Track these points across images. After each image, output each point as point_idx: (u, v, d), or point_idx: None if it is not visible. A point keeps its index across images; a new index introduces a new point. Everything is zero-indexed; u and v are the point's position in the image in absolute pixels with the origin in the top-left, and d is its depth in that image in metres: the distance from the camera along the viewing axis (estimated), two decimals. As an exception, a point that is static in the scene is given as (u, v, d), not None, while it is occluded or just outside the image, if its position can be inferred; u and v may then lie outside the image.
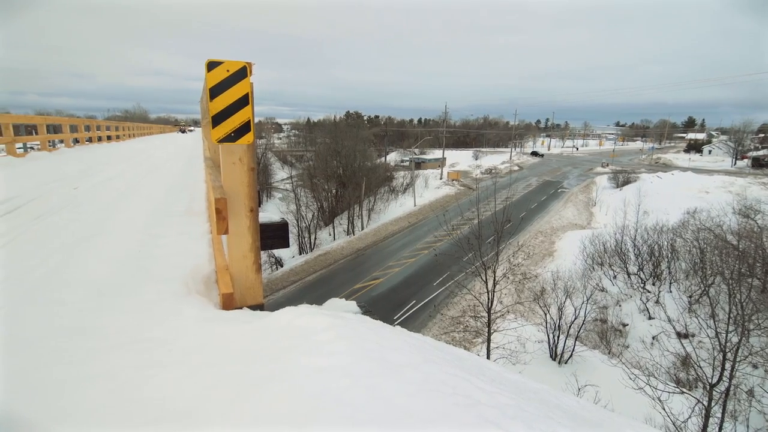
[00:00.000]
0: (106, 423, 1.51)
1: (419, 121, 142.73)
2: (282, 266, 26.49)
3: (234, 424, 1.44)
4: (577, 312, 15.13)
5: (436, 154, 66.87)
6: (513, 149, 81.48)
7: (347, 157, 36.80)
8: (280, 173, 53.93)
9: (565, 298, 15.69)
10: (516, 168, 63.78)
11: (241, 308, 2.80)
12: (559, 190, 46.29)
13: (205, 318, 2.44)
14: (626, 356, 14.09)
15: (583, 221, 34.17)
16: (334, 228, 34.36)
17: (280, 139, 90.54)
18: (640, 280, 18.92)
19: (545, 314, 15.31)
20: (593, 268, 21.19)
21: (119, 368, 1.89)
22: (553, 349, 14.99)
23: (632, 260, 20.06)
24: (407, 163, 57.02)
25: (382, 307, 18.91)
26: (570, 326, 14.99)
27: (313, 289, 22.10)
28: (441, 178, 51.44)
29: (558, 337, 14.93)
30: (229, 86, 2.62)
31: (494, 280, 14.22)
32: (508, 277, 17.32)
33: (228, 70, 2.60)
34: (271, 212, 3.91)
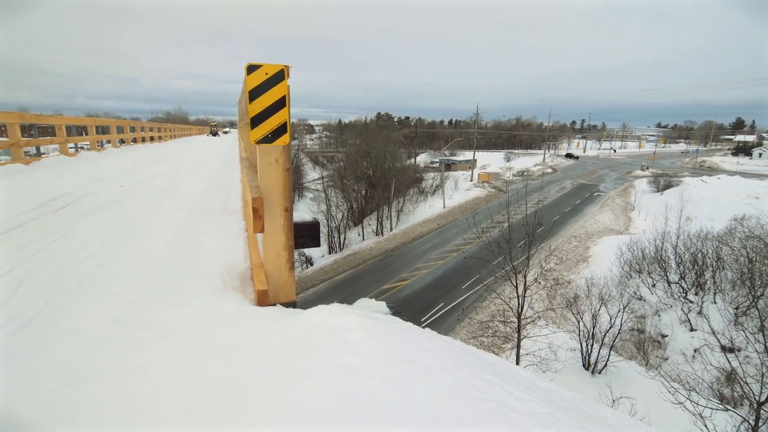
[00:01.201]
0: (149, 411, 1.58)
1: (450, 122, 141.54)
2: (312, 265, 26.90)
3: (269, 418, 1.48)
4: (612, 320, 14.55)
5: (467, 155, 66.09)
6: (546, 151, 79.46)
7: (377, 158, 36.97)
8: (312, 174, 54.76)
9: (600, 306, 15.13)
10: (549, 170, 62.13)
11: (274, 305, 2.87)
12: (595, 194, 44.70)
13: (241, 313, 2.52)
14: (665, 369, 13.45)
15: (620, 226, 32.89)
16: (363, 228, 34.58)
17: (312, 140, 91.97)
18: (681, 290, 18.00)
19: (578, 322, 14.82)
20: (630, 276, 20.33)
21: (161, 359, 1.97)
22: (586, 358, 14.48)
23: (673, 268, 19.10)
24: (437, 165, 56.64)
25: (409, 308, 18.86)
26: (605, 335, 14.45)
27: (342, 288, 22.31)
28: (471, 180, 50.80)
29: (591, 345, 14.42)
30: (267, 89, 2.68)
31: (525, 284, 13.89)
32: (540, 283, 16.86)
33: (266, 73, 2.66)
34: (303, 212, 3.98)
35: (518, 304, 13.74)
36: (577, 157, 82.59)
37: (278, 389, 1.65)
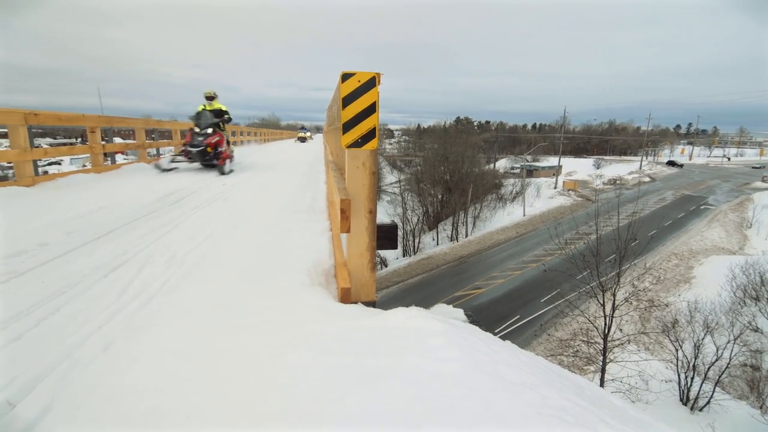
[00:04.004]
0: (241, 391, 1.72)
1: (533, 126, 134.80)
2: (386, 266, 27.32)
3: (355, 415, 1.53)
4: (719, 352, 12.81)
5: (551, 161, 62.60)
6: (644, 158, 72.27)
7: (455, 163, 36.50)
8: (389, 177, 55.67)
9: (705, 335, 13.39)
10: (647, 179, 56.38)
11: (356, 303, 2.97)
12: (702, 207, 39.58)
13: (327, 308, 2.65)
14: (787, 415, 11.50)
15: (732, 245, 28.79)
16: (437, 233, 34.34)
17: (391, 144, 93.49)
18: (812, 324, 15.26)
19: (677, 350, 13.27)
20: (744, 303, 17.70)
21: (255, 344, 2.14)
22: (685, 392, 12.91)
23: (802, 298, 16.27)
24: (518, 171, 54.36)
25: (483, 318, 18.30)
26: (709, 368, 12.76)
27: (415, 291, 22.35)
28: (555, 188, 47.97)
29: (692, 378, 12.82)
30: (359, 96, 2.79)
31: (613, 303, 12.80)
32: (631, 303, 15.30)
33: (359, 81, 2.78)
34: (380, 214, 4.07)
35: (605, 324, 12.71)
36: (681, 165, 73.89)
37: (362, 386, 1.70)
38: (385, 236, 3.68)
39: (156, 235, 4.14)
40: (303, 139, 34.96)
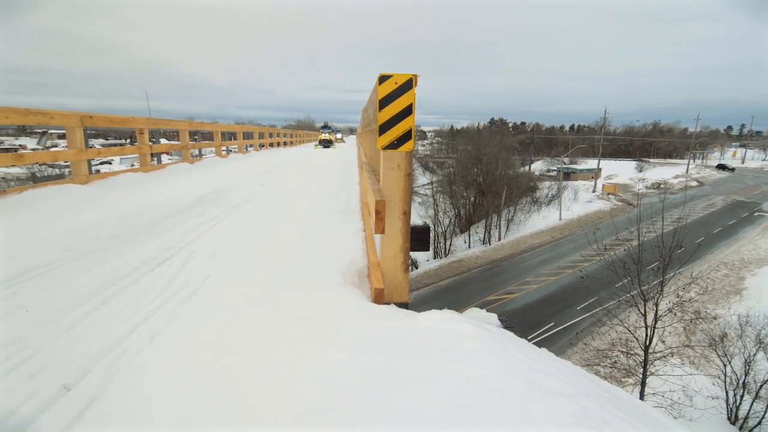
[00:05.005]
0: (276, 387, 1.76)
1: (571, 127, 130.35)
2: (417, 268, 27.21)
3: (387, 414, 1.53)
4: (773, 370, 11.95)
5: (590, 164, 60.43)
6: (691, 161, 68.44)
7: (488, 165, 35.93)
8: (422, 178, 55.43)
9: (757, 350, 12.52)
10: (694, 183, 53.41)
11: (389, 304, 2.98)
12: (756, 214, 36.99)
13: (360, 308, 2.67)
14: None
15: (790, 256, 26.73)
16: (469, 236, 33.89)
17: (424, 146, 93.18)
18: None
19: (725, 366, 12.47)
20: (804, 318, 16.40)
21: (291, 341, 2.19)
22: (733, 410, 12.12)
23: None
24: (554, 173, 52.82)
25: (516, 323, 17.83)
26: (761, 386, 11.92)
27: (445, 294, 22.13)
28: (594, 191, 46.27)
29: (742, 396, 12.02)
30: (395, 98, 2.80)
31: (656, 314, 12.19)
32: (675, 314, 14.51)
33: (396, 83, 2.78)
34: (412, 216, 4.07)
35: (646, 335, 12.13)
36: (733, 169, 69.37)
37: (397, 388, 1.70)
38: (418, 238, 3.67)
39: (199, 232, 4.33)
40: (327, 144, 23.10)
